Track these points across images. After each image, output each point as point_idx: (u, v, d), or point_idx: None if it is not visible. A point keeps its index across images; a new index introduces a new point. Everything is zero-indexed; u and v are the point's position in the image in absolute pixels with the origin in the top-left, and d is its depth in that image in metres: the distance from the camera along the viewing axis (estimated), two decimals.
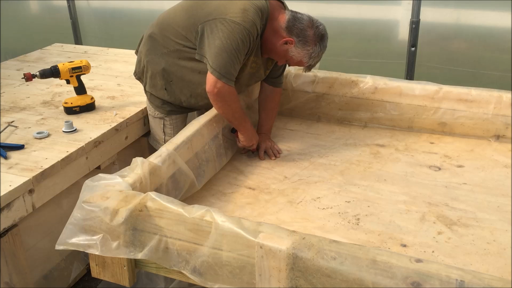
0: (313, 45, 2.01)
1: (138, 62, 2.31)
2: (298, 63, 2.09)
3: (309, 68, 2.13)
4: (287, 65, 2.34)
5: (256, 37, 1.99)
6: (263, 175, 2.12)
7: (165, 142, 2.37)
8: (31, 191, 1.85)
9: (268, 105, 2.36)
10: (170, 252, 1.44)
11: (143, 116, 2.48)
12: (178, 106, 2.31)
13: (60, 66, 2.35)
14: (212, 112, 2.15)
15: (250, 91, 2.46)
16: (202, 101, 2.23)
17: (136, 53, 2.34)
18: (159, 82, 2.23)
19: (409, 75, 3.16)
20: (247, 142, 2.18)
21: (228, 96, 1.99)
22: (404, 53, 3.14)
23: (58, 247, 1.48)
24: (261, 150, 2.27)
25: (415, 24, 3.04)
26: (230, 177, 2.11)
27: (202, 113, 2.18)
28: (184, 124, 2.39)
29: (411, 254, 1.61)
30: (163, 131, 2.38)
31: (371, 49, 3.29)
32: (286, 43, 2.01)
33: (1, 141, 2.11)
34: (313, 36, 2.00)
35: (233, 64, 1.94)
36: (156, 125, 2.40)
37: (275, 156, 2.25)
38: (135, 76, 2.38)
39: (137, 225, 1.45)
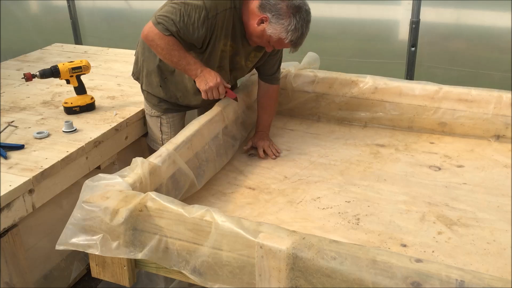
0: (288, 17, 1.93)
1: (136, 62, 2.34)
2: (279, 42, 2.00)
3: (294, 46, 2.02)
4: (281, 63, 2.32)
5: (216, 15, 1.96)
6: (263, 175, 2.12)
7: (162, 141, 2.38)
8: (31, 191, 1.85)
9: (264, 102, 2.35)
10: (170, 252, 1.44)
11: (143, 116, 2.48)
12: (174, 104, 2.31)
13: (60, 66, 2.35)
14: (212, 112, 2.15)
15: (250, 91, 2.46)
16: (196, 95, 2.23)
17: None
18: (154, 80, 2.24)
19: (409, 75, 3.16)
20: (203, 85, 2.03)
21: (158, 40, 1.96)
22: (404, 53, 3.14)
23: (58, 247, 1.49)
24: (260, 149, 2.27)
25: (415, 24, 3.04)
26: (230, 177, 2.11)
27: (202, 113, 2.19)
28: (181, 123, 2.40)
29: (411, 254, 1.61)
30: (160, 130, 2.38)
31: (371, 49, 3.28)
32: (262, 21, 1.98)
33: (1, 141, 2.11)
34: (286, 8, 1.93)
35: (175, 18, 1.92)
36: (153, 124, 2.40)
37: (275, 155, 2.25)
38: (133, 77, 2.40)
39: (137, 225, 1.45)
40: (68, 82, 2.41)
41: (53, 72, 2.35)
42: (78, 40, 4.12)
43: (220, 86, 2.05)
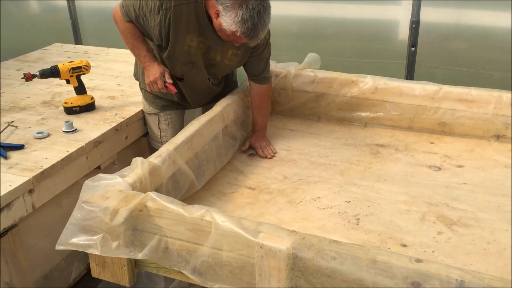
0: (234, 8, 1.81)
1: (135, 61, 2.35)
2: (234, 36, 1.88)
3: (248, 39, 1.88)
4: (268, 63, 2.27)
5: (170, 7, 1.94)
6: (263, 175, 2.12)
7: (161, 139, 2.39)
8: (31, 191, 1.85)
9: (257, 102, 2.34)
10: (170, 252, 1.44)
11: (143, 116, 2.48)
12: (170, 101, 2.32)
13: (60, 66, 2.35)
14: (212, 112, 2.15)
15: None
16: (191, 91, 2.25)
17: None
18: None
19: (409, 75, 3.16)
20: (146, 79, 2.11)
21: (119, 23, 2.10)
22: (404, 53, 3.14)
23: (58, 247, 1.49)
24: (258, 149, 2.26)
25: (415, 24, 3.04)
26: (230, 177, 2.11)
27: (203, 113, 2.19)
28: (179, 120, 2.41)
29: (411, 254, 1.61)
30: (159, 127, 2.39)
31: (371, 49, 3.28)
32: (218, 15, 1.88)
33: (1, 141, 2.11)
34: None
35: (136, 4, 1.99)
36: (152, 122, 2.41)
37: (270, 155, 2.24)
38: (134, 77, 2.44)
39: (137, 225, 1.45)
40: (68, 82, 2.41)
41: (53, 72, 2.35)
42: (78, 40, 4.12)
43: (159, 80, 2.07)
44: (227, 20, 1.84)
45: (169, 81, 2.09)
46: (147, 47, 2.12)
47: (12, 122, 2.32)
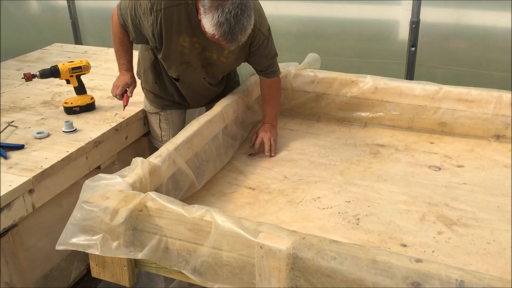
0: (211, 11, 1.76)
1: (138, 61, 2.36)
2: (214, 38, 1.83)
3: (226, 42, 1.81)
4: (272, 59, 2.24)
5: (160, 10, 1.95)
6: (263, 175, 2.12)
7: (162, 138, 2.39)
8: (31, 191, 1.85)
9: (265, 94, 2.33)
10: (170, 252, 1.44)
11: (143, 116, 2.48)
12: (171, 101, 2.33)
13: (60, 66, 2.35)
14: (212, 112, 2.15)
15: (250, 91, 2.46)
16: (189, 91, 2.26)
17: None
18: (150, 76, 2.28)
19: (409, 75, 3.16)
20: (115, 81, 2.27)
21: (113, 24, 2.21)
22: (404, 53, 3.14)
23: (58, 247, 1.49)
24: (258, 139, 2.25)
25: (415, 24, 3.04)
26: (230, 177, 2.11)
27: (203, 113, 2.19)
28: (180, 120, 2.41)
29: (411, 254, 1.61)
30: (159, 126, 2.40)
31: (371, 49, 3.28)
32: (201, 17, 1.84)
33: (1, 141, 2.11)
34: (210, 2, 1.76)
35: (130, 7, 2.04)
36: (153, 121, 2.42)
37: (269, 152, 2.23)
38: (137, 76, 2.42)
39: (137, 225, 1.45)
40: (68, 82, 2.41)
41: (53, 72, 2.35)
42: (78, 40, 4.12)
43: (119, 88, 2.23)
44: (206, 23, 1.79)
45: (129, 94, 2.25)
46: (128, 57, 2.27)
47: (12, 122, 2.32)
